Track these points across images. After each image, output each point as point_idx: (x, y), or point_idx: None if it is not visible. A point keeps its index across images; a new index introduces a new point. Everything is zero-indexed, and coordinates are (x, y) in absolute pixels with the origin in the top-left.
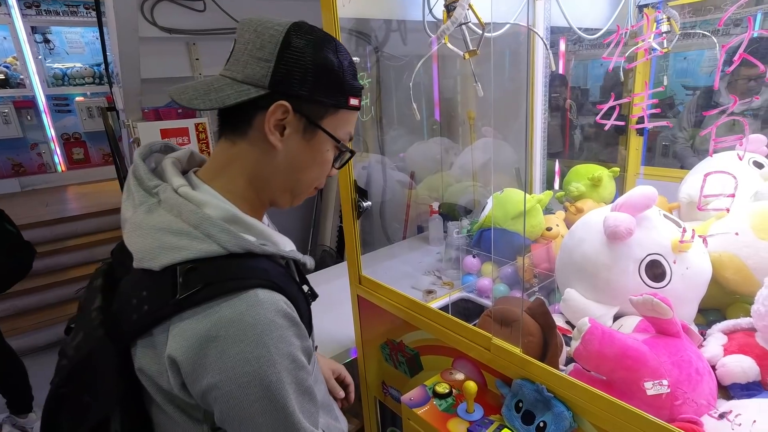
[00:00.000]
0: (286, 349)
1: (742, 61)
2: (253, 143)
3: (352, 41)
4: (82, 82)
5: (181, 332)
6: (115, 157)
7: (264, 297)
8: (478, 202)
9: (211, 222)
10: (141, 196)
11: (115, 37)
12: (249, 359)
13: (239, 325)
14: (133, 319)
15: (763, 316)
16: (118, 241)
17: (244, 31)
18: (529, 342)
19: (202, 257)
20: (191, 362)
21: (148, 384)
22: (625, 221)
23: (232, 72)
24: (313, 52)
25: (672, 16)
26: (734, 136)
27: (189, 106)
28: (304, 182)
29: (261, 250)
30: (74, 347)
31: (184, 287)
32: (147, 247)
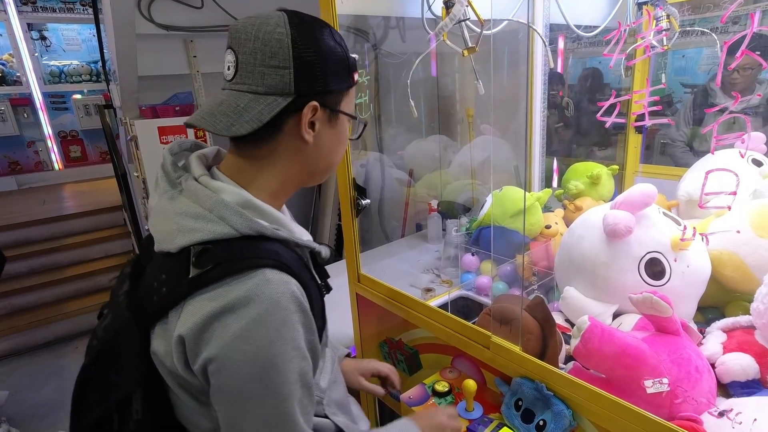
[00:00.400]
0: (289, 335)
1: (739, 64)
2: (284, 146)
3: (350, 38)
4: (79, 79)
5: (191, 311)
6: (113, 154)
7: (273, 277)
8: (476, 200)
9: (224, 205)
10: (166, 186)
11: (112, 34)
12: (248, 338)
13: (244, 302)
14: (154, 301)
15: (762, 314)
16: (115, 239)
17: (243, 40)
18: (529, 340)
19: (215, 239)
20: (195, 337)
21: (160, 366)
22: (624, 219)
23: (249, 86)
24: (319, 46)
25: (672, 13)
26: (735, 133)
27: (229, 134)
28: (334, 163)
29: (274, 233)
30: (103, 328)
31: (196, 266)
32: (166, 230)
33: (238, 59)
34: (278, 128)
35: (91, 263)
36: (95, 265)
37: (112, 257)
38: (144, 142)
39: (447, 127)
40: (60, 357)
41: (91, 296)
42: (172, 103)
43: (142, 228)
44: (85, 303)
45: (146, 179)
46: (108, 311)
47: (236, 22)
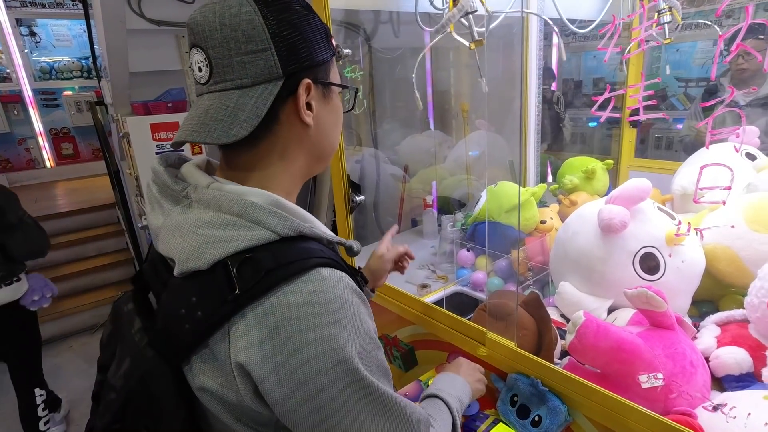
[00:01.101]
0: (363, 328)
1: (740, 51)
2: (284, 137)
3: (343, 33)
4: (69, 75)
5: (245, 332)
6: (105, 152)
7: (329, 275)
8: (472, 195)
9: (256, 207)
10: (170, 201)
11: (102, 30)
12: (329, 343)
13: (309, 308)
14: (185, 330)
15: (756, 308)
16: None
17: (208, 32)
18: (524, 336)
19: (254, 246)
20: (265, 362)
21: (213, 403)
22: (619, 214)
23: (232, 81)
24: (293, 16)
25: (673, 5)
26: (730, 128)
27: (229, 140)
28: (336, 141)
29: (311, 232)
30: (122, 376)
31: (241, 280)
32: (191, 245)
33: (208, 56)
34: (275, 119)
35: (85, 261)
36: (89, 263)
37: (106, 255)
38: (136, 138)
39: (442, 123)
40: (54, 356)
41: (86, 294)
42: (164, 99)
43: (136, 225)
44: (79, 301)
45: (139, 176)
46: (120, 356)
47: (192, 15)
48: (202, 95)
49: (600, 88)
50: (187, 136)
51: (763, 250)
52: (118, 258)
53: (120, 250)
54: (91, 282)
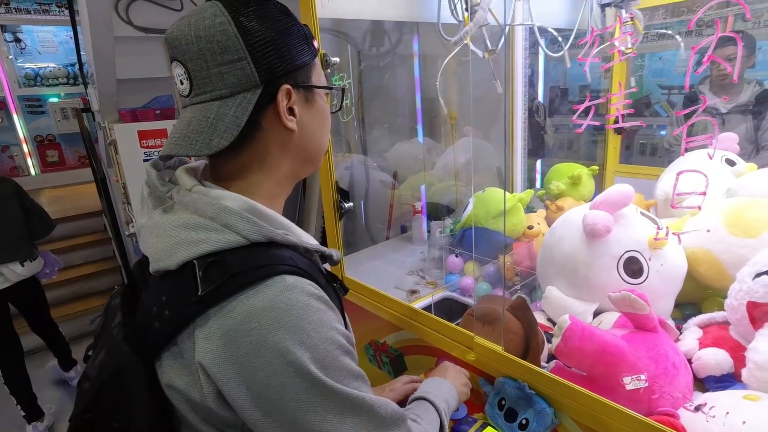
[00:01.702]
0: (327, 333)
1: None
2: (269, 143)
3: (332, 40)
4: (55, 82)
5: (208, 334)
6: (92, 159)
7: (293, 281)
8: (460, 201)
9: (228, 211)
10: (154, 201)
11: (89, 37)
12: (289, 348)
13: (272, 312)
14: (156, 329)
15: (735, 310)
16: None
17: (185, 46)
18: (511, 340)
19: (222, 249)
20: (227, 364)
21: (179, 401)
22: (603, 219)
23: (212, 93)
24: (268, 22)
25: (635, 15)
26: (704, 135)
27: (210, 151)
28: (324, 144)
29: (284, 239)
30: (97, 366)
31: (205, 282)
32: (163, 245)
33: (187, 69)
34: (257, 126)
35: (71, 270)
36: (75, 272)
37: (92, 263)
38: (124, 146)
39: (431, 129)
40: (39, 366)
41: (72, 303)
42: (152, 106)
43: (123, 233)
44: (65, 311)
45: (126, 184)
46: (99, 347)
47: (169, 29)
48: (185, 108)
49: (585, 96)
50: (171, 150)
51: (741, 253)
52: (104, 266)
53: (107, 258)
54: (77, 291)
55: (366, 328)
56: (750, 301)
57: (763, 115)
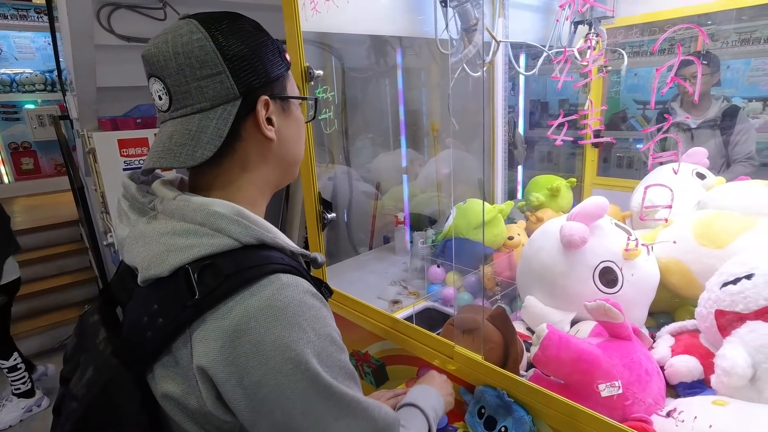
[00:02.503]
0: (323, 330)
1: (687, 76)
2: (249, 152)
3: (316, 53)
4: (32, 88)
5: (205, 336)
6: (69, 167)
7: (288, 279)
8: (442, 212)
9: (219, 216)
10: (136, 214)
11: (68, 45)
12: (288, 344)
13: (269, 311)
14: (147, 338)
15: (705, 318)
16: (72, 255)
17: (163, 62)
18: (491, 349)
19: (215, 252)
20: (225, 365)
21: (176, 411)
22: (579, 230)
23: (192, 107)
24: (243, 37)
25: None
26: (671, 152)
27: (194, 162)
28: (300, 152)
29: (273, 242)
30: (85, 384)
31: (201, 285)
32: (153, 253)
33: (166, 84)
34: (237, 137)
35: (46, 280)
36: (50, 283)
37: (68, 274)
38: (103, 155)
39: (414, 141)
40: None
41: (46, 315)
42: (133, 115)
43: (101, 243)
44: (39, 323)
45: (105, 193)
46: (84, 365)
47: (146, 47)
48: (165, 122)
49: (564, 109)
50: (154, 163)
51: (710, 263)
52: (81, 277)
53: (83, 268)
54: (51, 302)
55: (348, 338)
56: (718, 309)
57: (731, 129)
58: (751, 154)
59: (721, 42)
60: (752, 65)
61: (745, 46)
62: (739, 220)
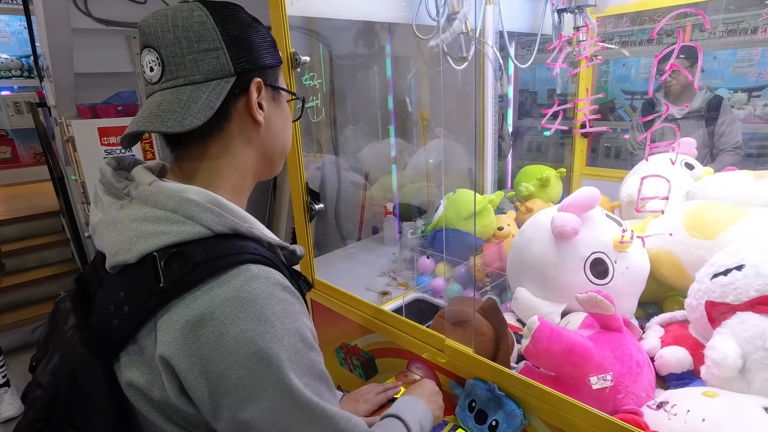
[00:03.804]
0: (292, 325)
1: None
2: (236, 134)
3: (302, 39)
4: (8, 74)
5: (170, 325)
6: (48, 156)
7: (258, 271)
8: (432, 202)
9: (191, 203)
10: (110, 198)
11: (43, 28)
12: (252, 338)
13: (235, 302)
14: (114, 327)
15: (695, 309)
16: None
17: (161, 33)
18: (482, 342)
19: (185, 240)
20: (187, 355)
21: (140, 401)
22: (570, 221)
23: (184, 78)
24: (242, 22)
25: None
26: (666, 141)
27: (182, 129)
28: (287, 144)
29: (248, 231)
30: (51, 371)
31: (168, 273)
32: (122, 239)
33: (161, 55)
34: (227, 116)
35: (26, 273)
36: (30, 275)
37: (49, 266)
38: (82, 143)
39: (403, 130)
40: None
41: (26, 308)
42: (113, 102)
43: (82, 234)
44: (19, 316)
45: (85, 183)
46: (51, 351)
47: (144, 18)
48: (153, 94)
49: (554, 99)
50: (139, 127)
51: (700, 254)
52: (62, 269)
53: (65, 260)
54: (31, 295)
55: (337, 330)
56: (708, 300)
57: (715, 120)
58: (738, 143)
59: (708, 32)
60: (738, 56)
61: (731, 36)
62: (729, 211)
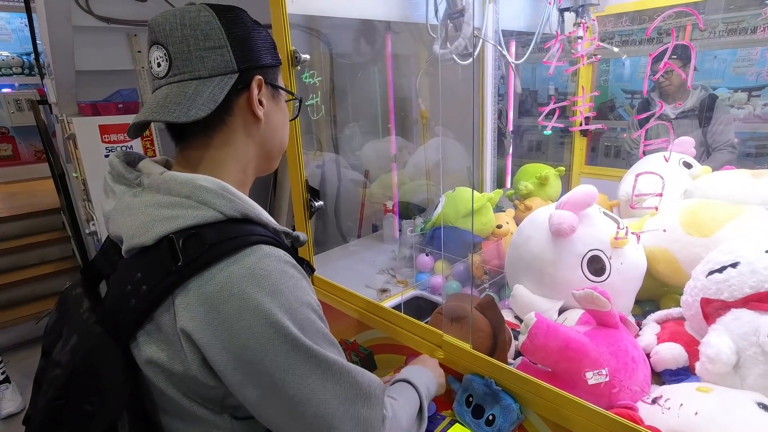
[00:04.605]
0: (304, 298)
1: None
2: (237, 128)
3: (302, 37)
4: (9, 72)
5: (189, 303)
6: (49, 154)
7: (269, 250)
8: (431, 200)
9: (204, 189)
10: (122, 188)
11: (45, 26)
12: (270, 309)
13: (251, 278)
14: (131, 306)
15: (690, 306)
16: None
17: (169, 31)
18: (479, 338)
19: (199, 224)
20: (209, 329)
21: (160, 377)
22: (568, 219)
23: (190, 73)
24: (245, 24)
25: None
26: (661, 139)
27: (188, 119)
28: (285, 140)
29: (257, 217)
30: (69, 351)
31: (185, 253)
32: (138, 223)
33: (168, 51)
34: (229, 110)
35: (27, 270)
36: (31, 272)
37: (49, 263)
38: (83, 140)
39: (403, 129)
40: None
41: (27, 305)
42: (114, 100)
43: (83, 231)
44: (19, 312)
45: (86, 180)
46: (67, 333)
47: (153, 17)
48: (160, 88)
49: (554, 98)
50: (147, 116)
51: (696, 252)
52: (63, 266)
53: (65, 257)
54: (31, 292)
55: (336, 327)
56: (703, 297)
57: (710, 119)
58: (731, 142)
59: (708, 32)
60: (738, 55)
61: (732, 36)
62: (726, 209)
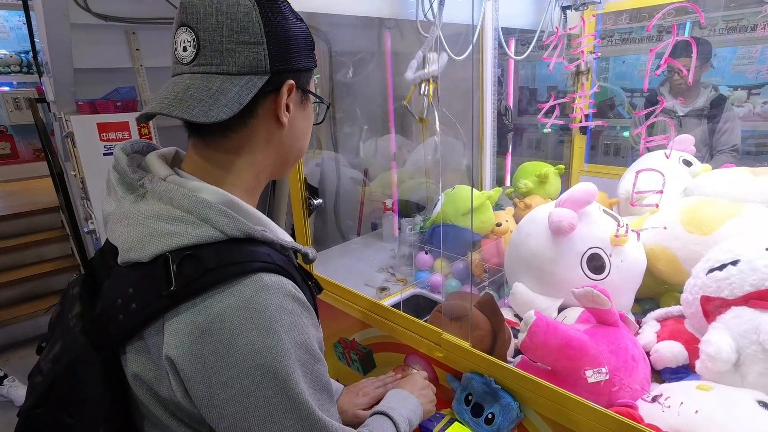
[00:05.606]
0: (300, 338)
1: (674, 68)
2: (257, 132)
3: None
4: (7, 70)
5: (178, 328)
6: (47, 152)
7: (270, 281)
8: (430, 198)
9: (207, 205)
10: (124, 189)
11: (42, 24)
12: (260, 350)
13: (245, 312)
14: (119, 321)
15: (690, 304)
16: (52, 243)
17: (203, 15)
18: (478, 336)
19: (198, 243)
20: (193, 361)
21: (146, 395)
22: (567, 216)
23: (218, 66)
24: (287, 21)
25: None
26: (662, 135)
27: (207, 120)
28: (305, 147)
29: (262, 236)
30: (51, 359)
31: (179, 277)
32: (135, 236)
33: (198, 37)
34: (252, 112)
35: (25, 269)
36: (29, 271)
37: (48, 262)
38: (82, 139)
39: (402, 127)
40: None
41: (25, 304)
42: (112, 98)
43: (82, 230)
44: (18, 311)
45: (85, 178)
46: (54, 338)
47: None
48: (181, 74)
49: (551, 96)
50: (162, 108)
51: (696, 250)
52: (61, 265)
53: (64, 256)
54: (30, 290)
55: (335, 325)
56: (703, 295)
57: (717, 119)
58: (735, 145)
59: (708, 29)
60: (739, 53)
61: (732, 34)
62: (726, 207)
